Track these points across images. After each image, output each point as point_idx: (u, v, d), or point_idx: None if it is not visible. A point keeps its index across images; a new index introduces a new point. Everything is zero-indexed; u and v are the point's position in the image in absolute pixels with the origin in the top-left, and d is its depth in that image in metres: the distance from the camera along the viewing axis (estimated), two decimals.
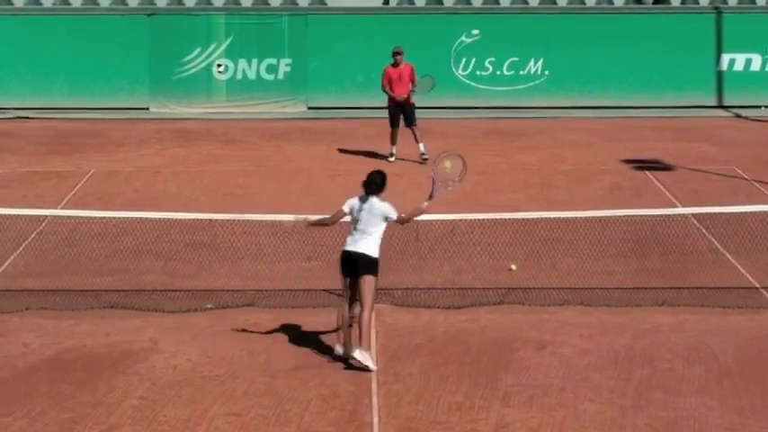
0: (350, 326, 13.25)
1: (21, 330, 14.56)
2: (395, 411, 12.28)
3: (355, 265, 13.15)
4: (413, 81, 23.98)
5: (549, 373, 13.27)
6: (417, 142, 24.05)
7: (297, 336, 14.34)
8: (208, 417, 12.18)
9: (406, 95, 23.82)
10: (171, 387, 12.92)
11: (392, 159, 23.93)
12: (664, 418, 12.13)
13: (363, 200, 13.22)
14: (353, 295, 13.29)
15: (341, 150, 24.99)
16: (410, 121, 23.93)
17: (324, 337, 14.20)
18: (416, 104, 23.99)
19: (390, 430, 11.88)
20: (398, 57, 24.00)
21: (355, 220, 13.27)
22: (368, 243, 13.13)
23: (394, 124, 24.04)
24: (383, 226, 13.23)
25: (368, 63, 29.41)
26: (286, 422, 12.04)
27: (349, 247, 13.22)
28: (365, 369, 12.99)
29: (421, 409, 12.35)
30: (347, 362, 13.34)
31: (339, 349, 13.32)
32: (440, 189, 13.54)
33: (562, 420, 12.11)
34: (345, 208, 13.40)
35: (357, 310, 13.24)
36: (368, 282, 13.08)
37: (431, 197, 13.54)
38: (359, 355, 13.00)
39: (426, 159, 23.30)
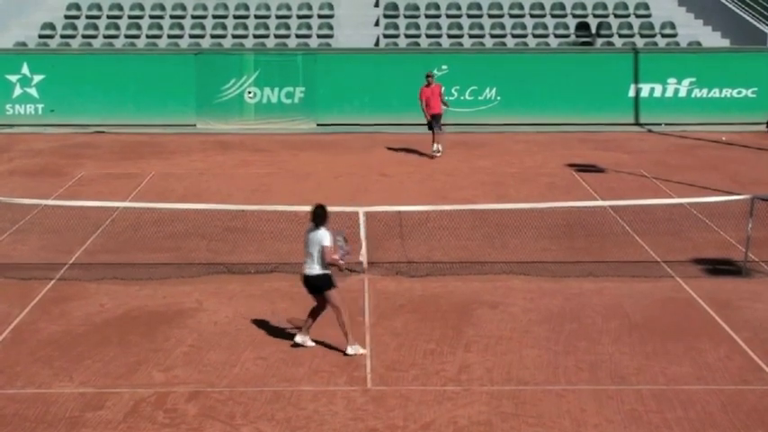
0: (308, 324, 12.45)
1: (98, 294, 14.55)
2: (383, 356, 12.30)
3: (311, 286, 12.25)
4: (442, 96, 24.93)
5: (500, 327, 13.28)
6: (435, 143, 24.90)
7: (308, 299, 14.31)
8: (241, 360, 12.19)
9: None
10: (212, 337, 12.93)
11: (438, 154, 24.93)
12: (587, 361, 12.16)
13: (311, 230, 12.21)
14: (318, 306, 12.38)
15: (342, 157, 24.98)
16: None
17: None
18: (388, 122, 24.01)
19: (379, 370, 11.89)
20: (430, 78, 24.85)
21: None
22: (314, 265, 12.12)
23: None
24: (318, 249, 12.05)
25: (363, 90, 29.51)
26: (300, 364, 12.05)
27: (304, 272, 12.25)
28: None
29: (403, 354, 12.37)
30: (350, 318, 13.32)
31: (297, 338, 12.45)
32: (344, 256, 12.34)
33: (510, 362, 12.13)
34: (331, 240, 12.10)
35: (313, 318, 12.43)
36: (330, 295, 12.17)
37: (341, 260, 12.25)
38: (350, 350, 12.19)
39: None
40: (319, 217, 12.21)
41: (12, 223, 17.87)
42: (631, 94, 29.76)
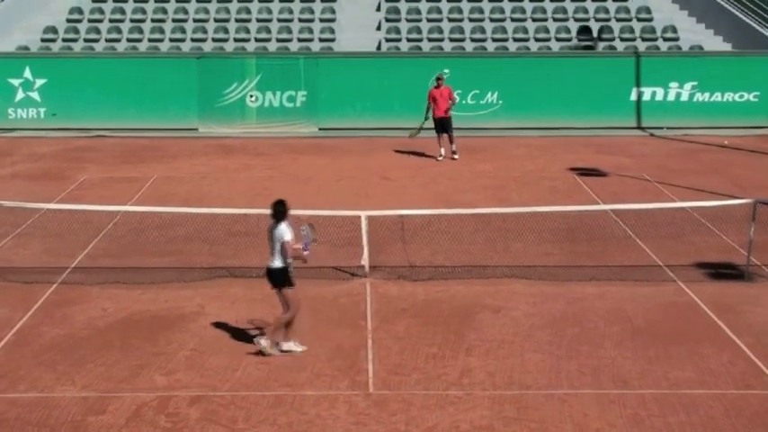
0: (287, 327, 12.50)
1: (100, 298, 14.55)
2: (385, 360, 12.29)
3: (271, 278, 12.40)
4: (452, 100, 25.10)
5: (503, 331, 13.28)
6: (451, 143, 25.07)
7: (310, 302, 14.30)
8: (243, 364, 12.18)
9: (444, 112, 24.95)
10: (214, 341, 12.92)
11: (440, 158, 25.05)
12: (590, 365, 12.15)
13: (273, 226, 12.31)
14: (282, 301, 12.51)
15: (343, 161, 24.97)
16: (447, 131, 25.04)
17: (330, 304, 14.20)
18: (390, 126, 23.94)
19: (382, 374, 11.88)
20: (440, 81, 25.04)
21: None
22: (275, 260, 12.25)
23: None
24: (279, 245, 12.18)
25: (364, 94, 29.49)
26: (302, 369, 12.04)
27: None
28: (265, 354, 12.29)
29: (405, 358, 12.36)
30: (351, 322, 13.36)
31: (283, 346, 12.50)
32: (308, 245, 12.51)
33: (512, 366, 12.12)
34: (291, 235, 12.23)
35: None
36: (285, 293, 12.35)
37: (305, 250, 12.47)
38: (262, 342, 12.35)
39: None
40: (279, 213, 12.29)
41: (14, 227, 17.87)
42: (633, 97, 29.74)
